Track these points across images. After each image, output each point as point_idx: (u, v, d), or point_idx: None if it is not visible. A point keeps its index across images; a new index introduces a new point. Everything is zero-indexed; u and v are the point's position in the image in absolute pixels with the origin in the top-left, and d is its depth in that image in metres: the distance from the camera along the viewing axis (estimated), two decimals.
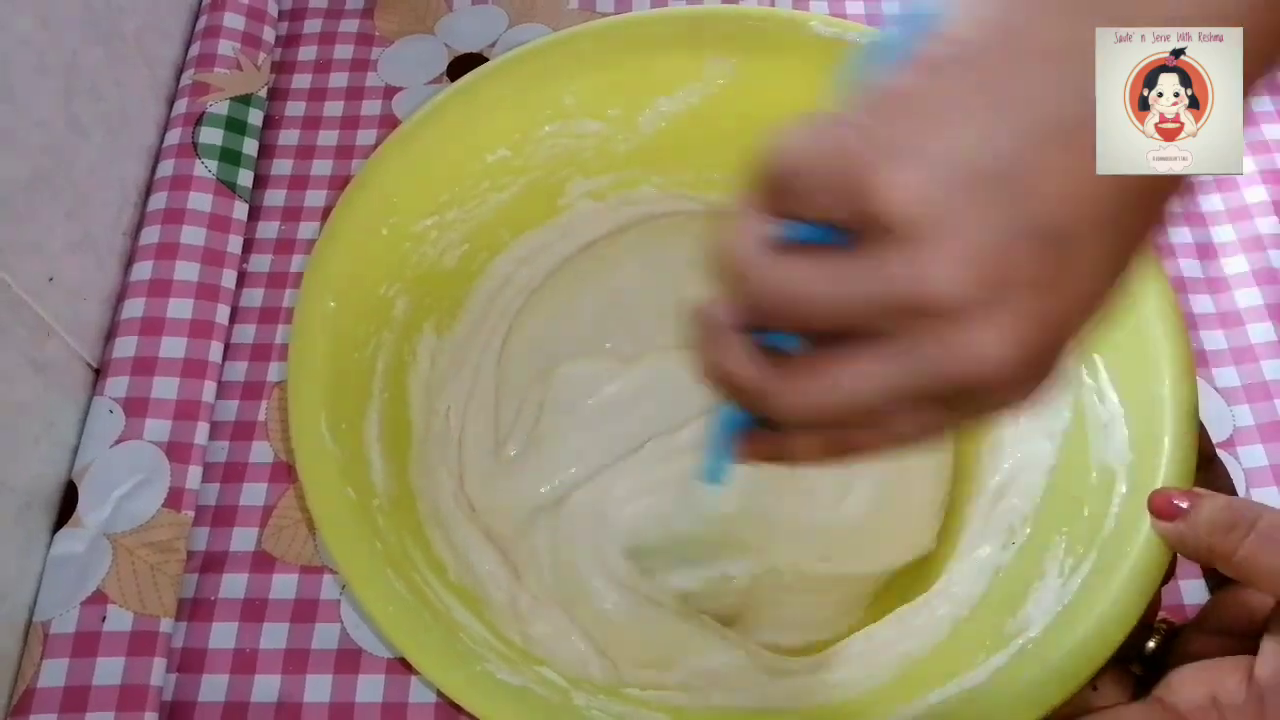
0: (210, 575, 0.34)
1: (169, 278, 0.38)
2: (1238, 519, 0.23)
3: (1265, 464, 0.36)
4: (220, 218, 0.40)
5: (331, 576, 0.34)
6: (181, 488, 0.35)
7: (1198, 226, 0.41)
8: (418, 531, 0.31)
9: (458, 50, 0.46)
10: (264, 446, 0.37)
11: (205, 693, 0.32)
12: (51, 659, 0.32)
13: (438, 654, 0.27)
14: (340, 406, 0.30)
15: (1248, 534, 0.23)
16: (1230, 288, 0.39)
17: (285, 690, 0.32)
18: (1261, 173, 0.41)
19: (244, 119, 0.43)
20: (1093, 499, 0.28)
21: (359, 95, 0.45)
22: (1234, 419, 0.37)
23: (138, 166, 0.41)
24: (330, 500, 0.28)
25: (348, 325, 0.32)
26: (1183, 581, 0.34)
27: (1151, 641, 0.26)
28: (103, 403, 0.36)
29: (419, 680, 0.32)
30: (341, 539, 0.28)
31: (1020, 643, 0.27)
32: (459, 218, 0.36)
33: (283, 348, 0.38)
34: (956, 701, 0.26)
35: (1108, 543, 0.27)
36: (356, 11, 0.47)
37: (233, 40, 0.44)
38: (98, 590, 0.33)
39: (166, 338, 0.37)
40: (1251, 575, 0.23)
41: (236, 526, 0.35)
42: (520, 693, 0.26)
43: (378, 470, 0.31)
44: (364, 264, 0.33)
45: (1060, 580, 0.28)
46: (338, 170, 0.43)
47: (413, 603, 0.27)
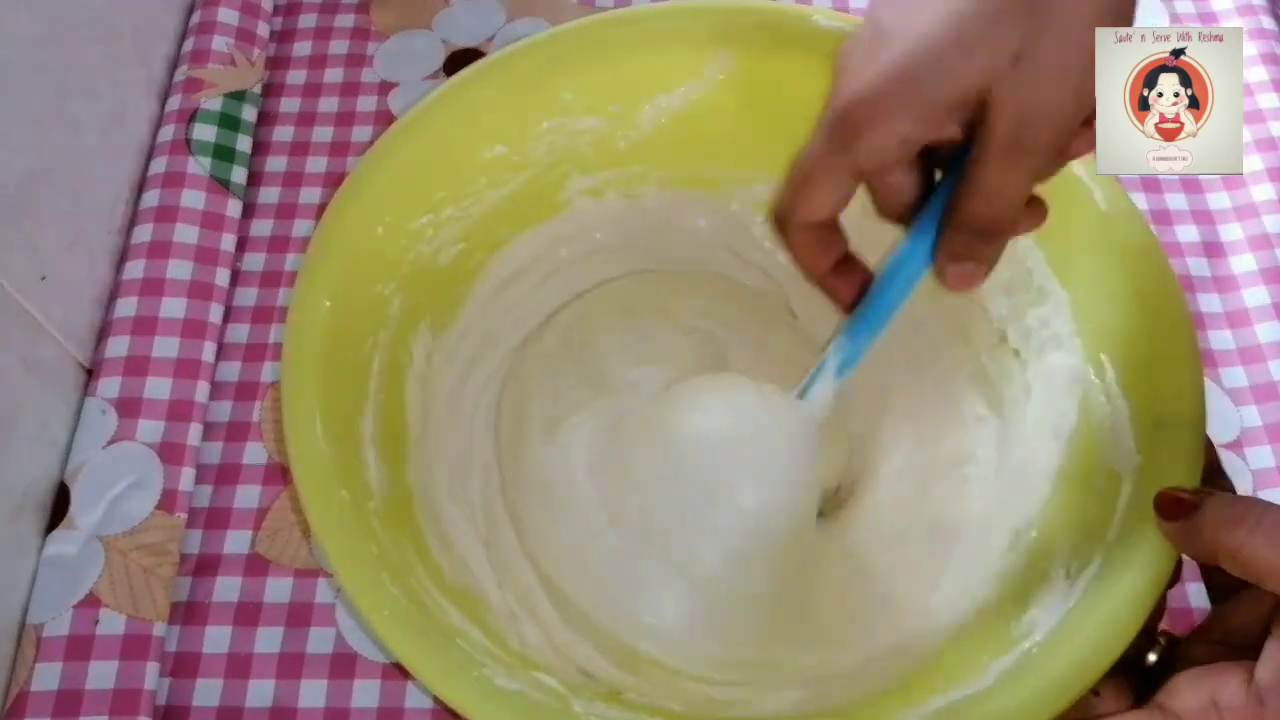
0: (204, 578, 0.34)
1: (162, 276, 0.38)
2: (1243, 515, 0.23)
3: (1273, 465, 0.35)
4: (214, 215, 0.40)
5: (326, 580, 0.34)
6: (174, 489, 0.34)
7: (1205, 225, 0.40)
8: (414, 534, 0.31)
9: (454, 45, 0.46)
10: (258, 448, 0.36)
11: (199, 697, 0.32)
12: (44, 662, 0.31)
13: (434, 659, 0.26)
14: (335, 407, 0.30)
15: (1254, 531, 0.22)
16: (1238, 287, 0.39)
17: (280, 695, 0.32)
18: (1269, 170, 0.40)
19: (238, 115, 0.42)
20: (1098, 501, 0.28)
21: (354, 91, 0.44)
22: (1241, 419, 0.36)
23: (131, 164, 0.41)
24: (325, 503, 0.28)
25: (343, 324, 0.31)
26: (1188, 585, 0.33)
27: (1153, 654, 0.25)
28: (95, 403, 0.36)
29: (415, 685, 0.32)
30: (336, 542, 0.27)
31: (1025, 646, 0.26)
32: (455, 215, 0.35)
33: (277, 348, 0.38)
34: (962, 706, 0.26)
35: (1113, 546, 0.26)
36: (352, 6, 0.47)
37: (227, 36, 0.44)
38: (90, 593, 0.33)
39: (159, 337, 0.37)
40: (1256, 572, 0.22)
41: (230, 529, 0.35)
42: (517, 698, 0.26)
43: (373, 472, 0.30)
44: (359, 262, 0.32)
45: (1066, 583, 0.27)
46: (332, 167, 0.42)
47: (408, 607, 0.27)
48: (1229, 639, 0.24)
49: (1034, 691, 0.25)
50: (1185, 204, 0.41)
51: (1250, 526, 0.22)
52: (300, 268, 0.31)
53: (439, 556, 0.31)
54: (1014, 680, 0.26)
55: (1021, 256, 0.33)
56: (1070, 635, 0.25)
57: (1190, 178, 0.41)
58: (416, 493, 0.32)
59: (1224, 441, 0.36)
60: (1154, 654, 0.25)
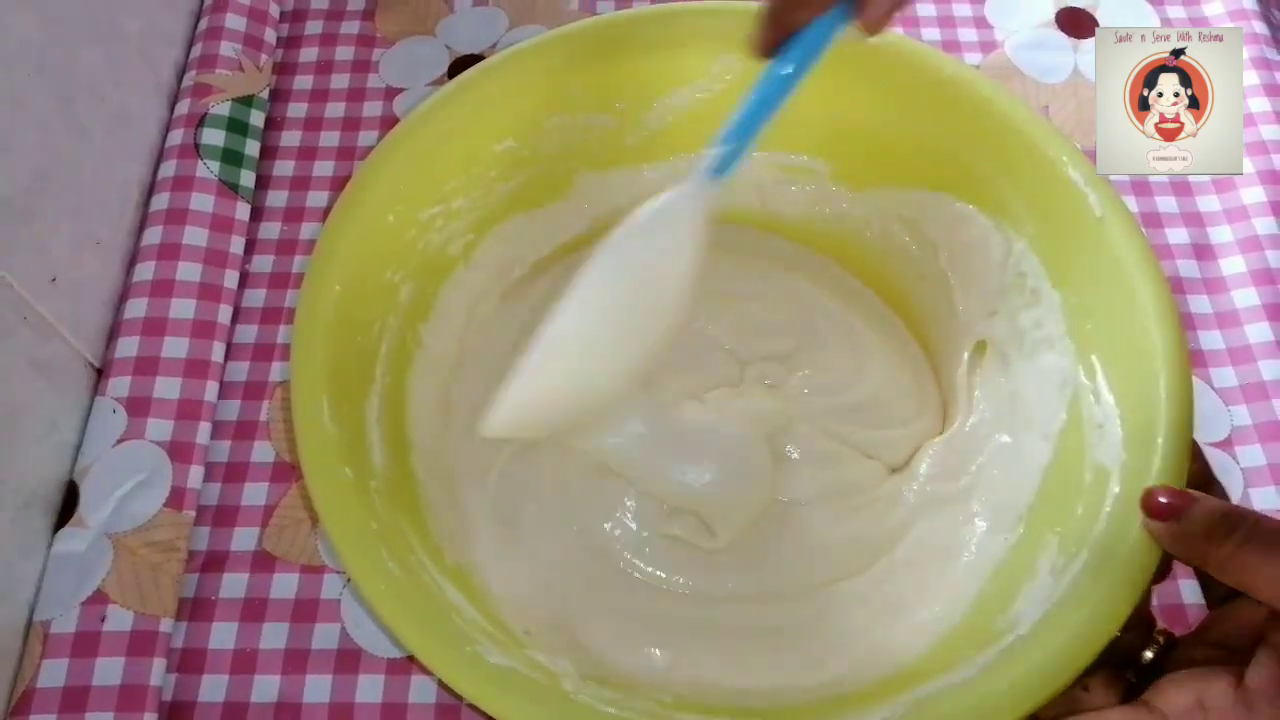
0: (211, 575, 0.34)
1: (171, 278, 0.38)
2: (1233, 523, 0.23)
3: (1263, 464, 0.36)
4: (222, 218, 0.40)
5: (332, 576, 0.34)
6: (183, 487, 0.35)
7: (1195, 227, 0.41)
8: (415, 514, 0.31)
9: (458, 51, 0.46)
10: (265, 446, 0.37)
11: (205, 693, 0.32)
12: (51, 659, 0.32)
13: (427, 633, 0.27)
14: (342, 388, 0.30)
15: (1244, 541, 0.22)
16: (1228, 288, 0.39)
17: (285, 690, 0.32)
18: (1259, 173, 0.41)
19: (246, 120, 0.43)
20: (1086, 498, 0.28)
21: (360, 97, 0.45)
22: (1231, 419, 0.37)
23: (140, 167, 0.41)
24: (329, 479, 0.28)
25: (352, 309, 0.32)
26: (1181, 581, 0.34)
27: (1149, 651, 0.25)
28: (105, 402, 0.36)
29: (419, 680, 0.32)
30: (338, 518, 0.28)
31: (1009, 640, 0.27)
32: (465, 206, 0.36)
33: (284, 348, 0.39)
34: (943, 696, 0.26)
35: (1099, 542, 0.27)
36: (358, 13, 0.48)
37: (234, 42, 0.44)
38: (98, 590, 0.33)
39: (169, 338, 0.37)
40: (1245, 581, 0.22)
41: (237, 526, 0.35)
42: (509, 674, 0.26)
43: (377, 452, 0.31)
44: (370, 249, 0.33)
45: (1052, 578, 0.28)
46: (339, 171, 0.43)
47: (405, 582, 0.27)
48: (1226, 642, 0.24)
49: (1016, 682, 0.25)
50: (1176, 207, 0.41)
51: (1241, 539, 0.22)
52: (312, 252, 0.32)
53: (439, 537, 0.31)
54: (996, 671, 0.26)
55: (1016, 259, 0.33)
56: (1054, 629, 0.26)
57: (1180, 180, 0.41)
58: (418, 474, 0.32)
59: (1214, 440, 0.36)
60: (1150, 651, 0.25)
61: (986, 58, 0.46)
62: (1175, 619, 0.33)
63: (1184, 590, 0.34)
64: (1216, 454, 0.36)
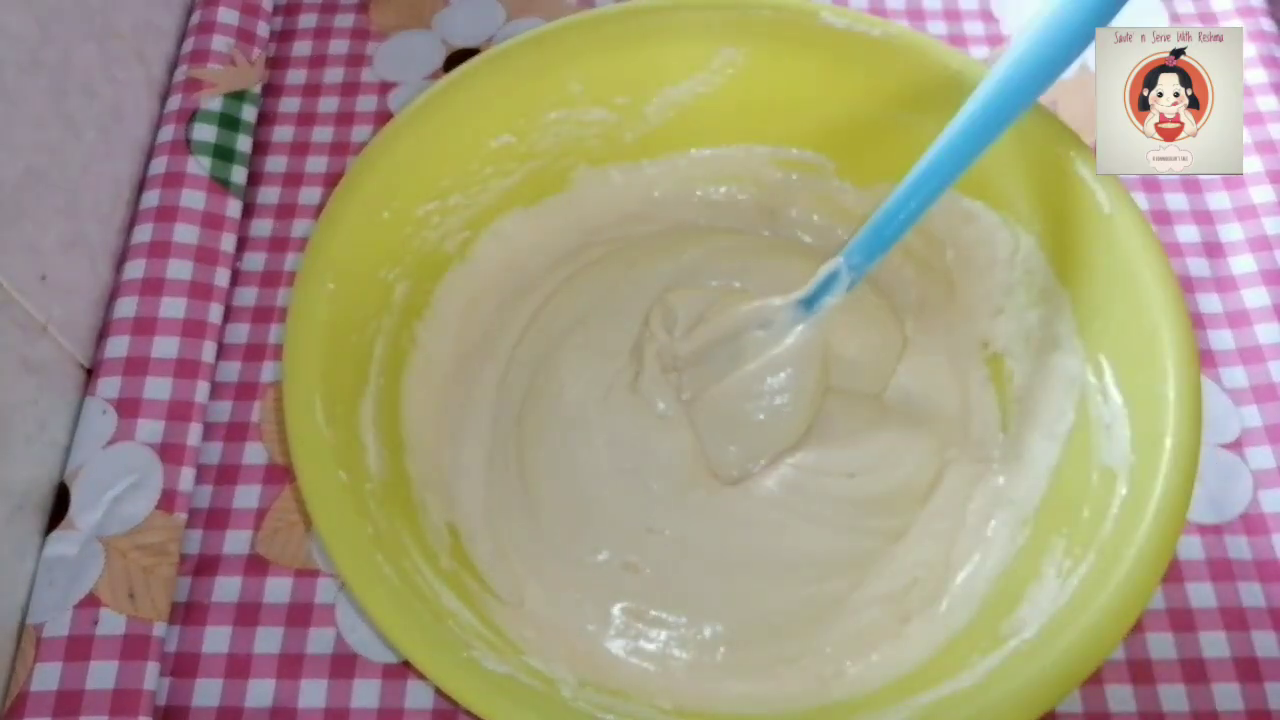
0: (204, 578, 0.34)
1: (161, 276, 0.38)
2: None
3: (1273, 465, 0.35)
4: (214, 215, 0.40)
5: (326, 580, 0.34)
6: (174, 489, 0.34)
7: (1205, 225, 0.40)
8: (411, 518, 0.31)
9: (454, 45, 0.46)
10: (258, 448, 0.36)
11: (199, 697, 0.32)
12: (44, 663, 0.31)
13: (422, 638, 0.26)
14: (336, 389, 0.30)
15: None
16: (1238, 287, 0.39)
17: (280, 695, 0.32)
18: (1269, 172, 0.40)
19: (238, 115, 0.42)
20: (1093, 500, 0.28)
21: (354, 91, 0.44)
22: (1242, 420, 0.36)
23: (130, 164, 0.41)
24: (322, 483, 0.28)
25: (346, 308, 0.31)
26: (1189, 585, 0.33)
27: None
28: (95, 403, 0.36)
29: (415, 686, 0.32)
30: (332, 522, 0.27)
31: (1015, 644, 0.27)
32: (461, 203, 0.35)
33: (276, 348, 0.38)
34: (948, 702, 0.26)
35: (1106, 544, 0.26)
36: (352, 6, 0.47)
37: (227, 36, 0.44)
38: (90, 593, 0.33)
39: (159, 337, 0.37)
40: None
41: (230, 529, 0.35)
42: (505, 681, 0.26)
43: (372, 455, 0.30)
44: (364, 247, 0.32)
45: (1058, 582, 0.27)
46: (332, 167, 0.42)
47: (401, 587, 0.27)
48: None
49: (1022, 687, 0.25)
50: (1185, 204, 0.41)
51: None
52: (305, 249, 0.31)
53: (434, 541, 0.31)
54: (1002, 676, 0.26)
55: (1024, 256, 0.33)
56: (1060, 633, 0.25)
57: (1190, 178, 0.41)
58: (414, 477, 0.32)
59: (1224, 442, 0.36)
60: None
61: (993, 52, 0.45)
62: (1182, 623, 0.33)
63: (1191, 594, 0.33)
64: (1227, 456, 0.35)
